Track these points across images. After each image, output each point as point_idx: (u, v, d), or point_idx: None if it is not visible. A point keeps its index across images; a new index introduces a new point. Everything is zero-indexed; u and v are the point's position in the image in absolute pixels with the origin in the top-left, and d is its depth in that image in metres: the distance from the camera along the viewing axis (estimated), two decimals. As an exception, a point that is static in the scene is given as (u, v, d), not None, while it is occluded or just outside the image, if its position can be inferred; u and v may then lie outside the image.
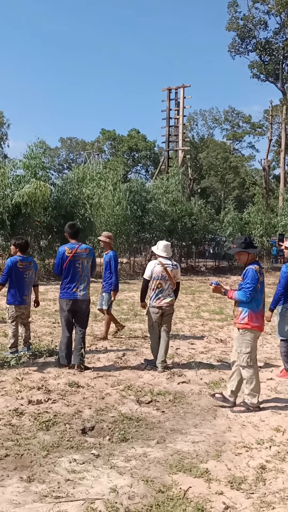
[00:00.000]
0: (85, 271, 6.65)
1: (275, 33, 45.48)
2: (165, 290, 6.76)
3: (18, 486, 3.42)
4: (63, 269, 6.60)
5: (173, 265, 6.87)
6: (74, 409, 5.05)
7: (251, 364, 5.20)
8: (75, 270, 6.58)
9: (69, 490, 3.40)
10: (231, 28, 44.99)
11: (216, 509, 3.23)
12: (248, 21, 44.81)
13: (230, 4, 44.50)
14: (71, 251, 6.59)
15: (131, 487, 3.47)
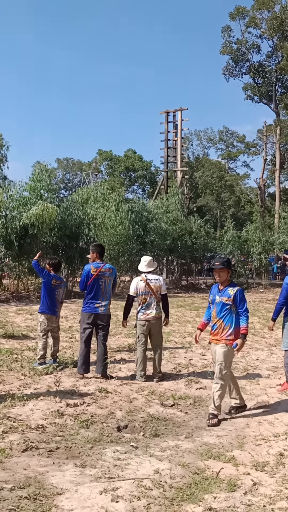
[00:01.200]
0: (107, 288, 7.26)
1: (268, 56, 46.99)
2: (150, 304, 7.18)
3: (75, 471, 4.00)
4: (87, 286, 7.21)
5: (155, 279, 7.30)
6: (107, 411, 5.63)
7: (225, 378, 5.52)
8: (98, 287, 7.19)
9: (118, 473, 3.98)
10: (225, 52, 46.43)
11: (246, 485, 3.81)
12: (241, 45, 46.28)
13: (223, 28, 46.06)
14: (96, 270, 7.21)
15: (171, 470, 4.06)
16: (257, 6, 44.41)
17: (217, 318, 5.59)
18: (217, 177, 67.51)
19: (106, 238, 22.74)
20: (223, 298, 5.57)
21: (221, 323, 5.56)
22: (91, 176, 59.78)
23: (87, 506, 3.38)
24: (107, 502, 3.44)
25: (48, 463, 4.15)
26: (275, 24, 43.53)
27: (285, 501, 3.53)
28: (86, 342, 7.12)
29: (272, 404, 6.11)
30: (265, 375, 7.74)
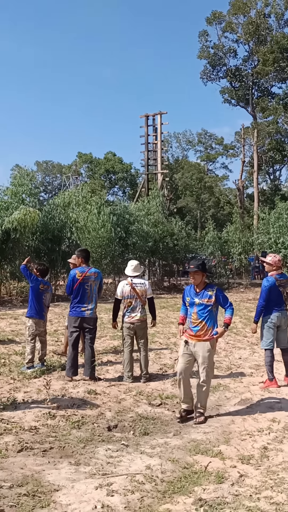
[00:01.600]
0: (93, 292, 7.43)
1: (244, 61, 47.62)
2: (135, 307, 7.38)
3: (70, 469, 4.17)
4: (73, 290, 7.38)
5: (141, 283, 7.50)
6: (97, 412, 5.81)
7: (211, 378, 5.69)
8: (84, 291, 7.36)
9: (112, 469, 4.17)
10: (202, 56, 46.94)
11: (233, 477, 4.03)
12: (218, 50, 46.84)
13: (200, 33, 46.58)
14: (81, 274, 7.37)
15: (162, 465, 4.26)
16: (233, 11, 45.03)
17: (199, 320, 5.66)
18: (196, 178, 68.15)
19: (89, 241, 22.84)
20: (203, 300, 5.66)
21: (204, 324, 5.65)
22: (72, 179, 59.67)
23: (84, 501, 3.56)
24: (103, 496, 3.63)
25: (43, 462, 4.31)
26: (250, 29, 44.20)
27: (269, 491, 3.76)
28: (74, 345, 7.27)
29: (255, 401, 6.35)
30: (248, 373, 8.00)
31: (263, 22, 44.90)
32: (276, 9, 44.95)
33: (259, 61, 44.74)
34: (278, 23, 45.38)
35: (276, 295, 7.13)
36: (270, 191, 59.11)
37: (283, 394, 6.64)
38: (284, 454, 4.51)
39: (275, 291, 7.12)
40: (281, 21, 45.30)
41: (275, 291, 7.11)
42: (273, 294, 7.11)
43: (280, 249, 24.27)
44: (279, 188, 61.38)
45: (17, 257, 20.25)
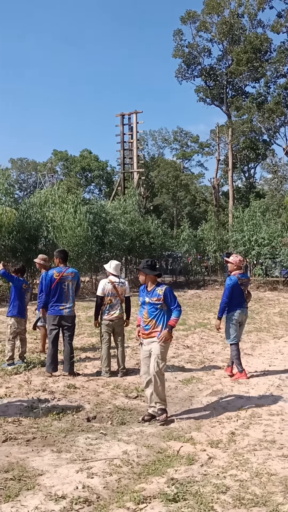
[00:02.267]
0: (70, 291, 7.73)
1: (219, 60, 48.15)
2: (114, 305, 7.73)
3: (52, 456, 4.49)
4: (51, 289, 7.67)
5: (121, 283, 7.88)
6: (76, 404, 6.14)
7: (163, 371, 5.71)
8: (61, 290, 7.66)
9: (91, 455, 4.50)
10: (177, 55, 47.30)
11: (202, 459, 4.41)
12: (193, 49, 47.28)
13: (175, 32, 46.88)
14: (58, 274, 7.67)
15: (137, 451, 4.62)
16: (207, 11, 45.50)
17: (150, 318, 5.74)
18: (172, 176, 68.59)
19: (65, 240, 23.07)
20: (152, 298, 5.73)
21: (154, 322, 5.73)
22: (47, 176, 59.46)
23: (66, 483, 3.89)
24: (84, 479, 3.96)
25: (27, 450, 4.63)
26: (224, 29, 44.74)
27: (235, 470, 4.15)
28: (54, 342, 7.56)
29: (225, 392, 6.76)
30: (220, 366, 8.42)
31: (237, 22, 45.48)
32: (249, 9, 45.62)
33: (233, 61, 45.35)
34: (251, 23, 46.07)
35: (238, 293, 7.59)
36: (245, 189, 60.06)
37: (252, 385, 7.07)
38: (250, 438, 4.91)
39: (237, 289, 7.59)
40: (254, 22, 45.99)
41: (237, 290, 7.58)
42: (235, 292, 7.56)
43: (253, 247, 24.94)
44: (253, 185, 62.41)
45: (-6, 257, 20.38)
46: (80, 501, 3.60)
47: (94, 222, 24.64)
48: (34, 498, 3.63)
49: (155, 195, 69.90)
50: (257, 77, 45.68)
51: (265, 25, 45.74)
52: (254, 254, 24.97)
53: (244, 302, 7.70)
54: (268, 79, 45.14)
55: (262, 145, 52.58)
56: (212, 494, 3.67)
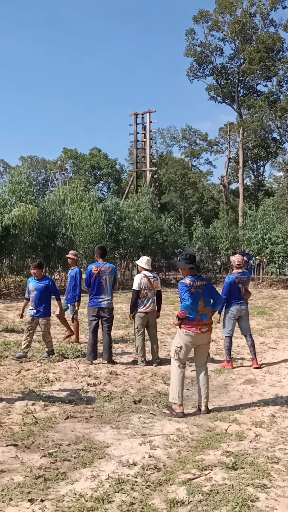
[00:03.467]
0: (108, 285, 8.19)
1: (230, 59, 48.57)
2: (149, 298, 8.20)
3: (112, 431, 4.95)
4: (91, 283, 8.14)
5: (154, 277, 8.40)
6: (121, 389, 6.60)
7: None
8: (100, 284, 8.13)
9: (148, 432, 4.96)
10: (189, 54, 47.71)
11: (250, 436, 4.86)
12: (205, 48, 47.66)
13: (187, 31, 47.32)
14: (97, 269, 8.15)
15: (189, 429, 5.07)
16: (219, 10, 45.84)
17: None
18: (180, 174, 68.83)
19: (82, 237, 23.53)
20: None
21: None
22: (59, 174, 60.00)
23: (133, 453, 4.34)
24: (148, 450, 4.42)
25: (89, 426, 5.09)
26: (236, 28, 45.12)
27: (282, 445, 4.59)
28: (94, 332, 8.03)
29: (258, 381, 7.21)
30: (248, 358, 8.85)
31: (249, 21, 45.85)
32: (262, 8, 45.98)
33: (245, 60, 45.70)
34: (264, 23, 46.43)
35: (236, 290, 8.18)
36: (253, 187, 60.36)
37: (282, 375, 7.51)
38: (290, 420, 5.36)
39: (235, 287, 8.19)
40: (267, 21, 46.37)
41: (235, 287, 8.18)
42: (233, 289, 8.19)
43: (267, 245, 25.30)
44: (262, 183, 62.69)
45: (16, 252, 20.91)
46: (150, 467, 4.05)
47: (109, 220, 25.09)
48: (108, 465, 4.08)
49: (162, 193, 70.22)
50: (269, 76, 46.01)
51: (277, 24, 46.16)
52: (267, 252, 25.34)
53: (241, 298, 8.22)
54: (280, 78, 45.43)
55: (273, 144, 52.85)
56: (266, 464, 4.11)
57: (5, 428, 4.97)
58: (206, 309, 5.79)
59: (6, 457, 4.24)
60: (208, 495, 3.57)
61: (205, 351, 5.94)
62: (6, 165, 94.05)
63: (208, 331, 5.80)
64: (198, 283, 5.82)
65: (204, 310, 5.77)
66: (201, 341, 5.81)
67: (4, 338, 10.06)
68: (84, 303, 9.19)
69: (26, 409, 5.55)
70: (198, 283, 5.81)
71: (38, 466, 4.06)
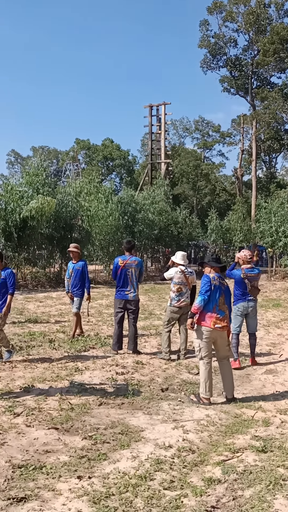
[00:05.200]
0: (134, 277, 8.44)
1: (244, 50, 48.37)
2: (184, 293, 8.33)
3: (145, 417, 5.24)
4: (117, 275, 8.41)
5: (190, 272, 8.51)
6: (148, 378, 6.90)
7: None
8: (126, 276, 8.39)
9: (179, 417, 5.25)
10: (202, 46, 47.57)
11: (276, 423, 5.13)
12: (218, 39, 47.46)
13: (201, 22, 47.19)
14: (123, 262, 8.41)
15: (217, 415, 5.36)
16: (233, 1, 45.62)
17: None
18: (193, 166, 68.69)
19: (98, 228, 23.83)
20: None
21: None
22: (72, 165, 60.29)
23: (168, 436, 4.64)
24: (181, 433, 4.71)
25: (122, 412, 5.39)
26: (251, 19, 44.87)
27: (307, 431, 4.86)
28: (119, 323, 8.32)
29: (279, 371, 7.47)
30: (267, 350, 9.12)
31: (263, 12, 45.54)
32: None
33: (259, 51, 45.50)
34: (278, 14, 46.10)
35: (242, 287, 7.87)
36: (265, 179, 60.20)
37: (302, 365, 7.76)
38: (312, 408, 5.62)
39: (241, 283, 7.85)
40: (281, 12, 46.02)
41: (241, 283, 7.87)
42: (238, 285, 7.94)
43: (280, 238, 25.42)
44: (274, 176, 62.48)
45: (33, 244, 21.26)
46: (185, 449, 4.35)
47: (125, 212, 25.34)
48: (146, 447, 4.38)
49: (175, 184, 70.18)
50: (283, 68, 45.75)
51: (292, 15, 45.67)
52: (281, 245, 25.46)
53: (247, 295, 7.89)
54: (294, 70, 45.14)
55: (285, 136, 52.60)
56: (294, 447, 4.39)
57: (44, 413, 5.28)
58: (224, 306, 6.00)
59: (49, 439, 4.55)
60: (242, 474, 3.85)
61: (224, 345, 6.05)
62: (17, 155, 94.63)
63: (222, 329, 5.92)
64: (221, 281, 6.09)
65: (222, 306, 5.97)
66: (218, 336, 5.95)
67: (29, 328, 10.36)
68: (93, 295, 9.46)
69: (61, 396, 5.86)
70: (221, 280, 6.09)
71: (80, 448, 4.37)
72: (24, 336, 9.35)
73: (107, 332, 10.03)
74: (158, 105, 34.43)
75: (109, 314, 12.44)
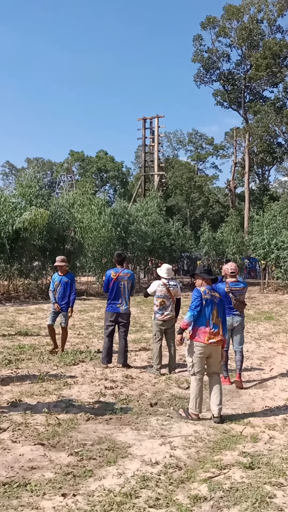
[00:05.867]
0: (126, 290, 8.41)
1: (237, 64, 48.96)
2: (167, 307, 8.27)
3: (133, 433, 5.20)
4: (109, 288, 8.39)
5: (173, 285, 8.42)
6: (138, 392, 6.85)
7: None
8: (118, 289, 8.36)
9: (167, 433, 5.21)
10: (196, 60, 48.08)
11: (264, 438, 5.11)
12: (212, 54, 48.00)
13: (195, 37, 47.70)
14: (115, 275, 8.39)
15: (205, 430, 5.32)
16: (226, 16, 46.20)
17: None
18: (186, 178, 69.04)
19: (90, 240, 23.82)
20: None
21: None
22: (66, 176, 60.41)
23: (155, 453, 4.59)
24: (168, 450, 4.67)
25: (110, 428, 5.34)
26: (244, 34, 45.46)
27: (295, 447, 4.84)
28: (109, 336, 8.28)
29: (269, 385, 7.45)
30: (257, 364, 9.09)
31: (256, 28, 46.16)
32: (269, 15, 46.31)
33: (251, 66, 46.01)
34: (270, 29, 46.76)
35: (227, 301, 7.31)
36: (258, 191, 60.61)
37: (292, 379, 7.74)
38: (301, 423, 5.60)
39: (226, 297, 7.29)
40: (273, 27, 46.71)
41: (225, 297, 7.24)
42: (224, 299, 7.29)
43: (273, 250, 25.53)
44: (267, 188, 62.93)
45: (25, 256, 21.20)
46: (172, 466, 4.31)
47: (118, 224, 25.36)
48: (132, 463, 4.34)
49: (168, 196, 70.42)
50: (275, 82, 46.28)
51: (284, 31, 46.48)
52: (273, 257, 25.56)
53: (233, 309, 7.49)
54: (286, 85, 45.68)
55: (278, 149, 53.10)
56: (281, 464, 4.36)
57: (30, 428, 5.22)
58: (218, 320, 5.87)
59: (35, 455, 4.50)
60: (228, 492, 3.82)
61: (216, 361, 5.93)
62: (12, 166, 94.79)
63: (216, 343, 5.81)
64: (213, 293, 5.99)
65: (216, 320, 5.85)
66: (212, 351, 5.84)
67: (19, 341, 10.29)
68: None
69: (49, 410, 5.80)
70: (213, 293, 5.99)
71: (66, 464, 4.32)
72: (14, 349, 9.28)
73: (98, 345, 9.97)
74: (152, 118, 34.69)
75: (100, 326, 12.37)
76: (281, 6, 44.82)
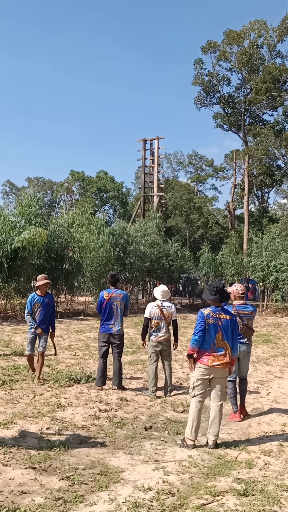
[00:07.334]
0: (119, 311, 8.37)
1: (237, 88, 49.59)
2: (161, 328, 8.19)
3: (126, 457, 5.12)
4: (102, 309, 8.35)
5: (168, 306, 8.32)
6: (132, 415, 6.76)
7: None
8: (111, 310, 8.32)
9: (161, 458, 5.12)
10: (196, 83, 48.76)
11: (259, 464, 5.02)
12: (212, 77, 48.70)
13: (196, 61, 48.44)
14: (108, 295, 8.36)
15: (200, 456, 5.24)
16: (227, 41, 46.98)
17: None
18: (186, 199, 69.41)
19: (89, 260, 23.83)
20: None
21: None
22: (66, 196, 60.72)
23: (148, 478, 4.51)
24: (162, 475, 4.58)
25: (103, 451, 5.26)
26: (244, 59, 46.16)
27: (290, 474, 4.75)
28: (103, 357, 8.21)
29: (265, 410, 7.35)
30: (254, 387, 8.99)
31: (256, 53, 46.91)
32: (269, 40, 47.09)
33: (251, 90, 46.64)
34: (270, 54, 47.47)
35: None
36: (258, 213, 60.83)
37: (289, 404, 7.66)
38: (297, 449, 5.51)
39: None
40: (273, 52, 47.42)
41: None
42: None
43: (271, 272, 25.50)
44: (266, 210, 63.17)
45: (23, 275, 21.16)
46: (164, 492, 4.23)
47: (116, 244, 25.40)
48: (124, 489, 4.25)
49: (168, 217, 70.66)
50: (275, 106, 46.84)
51: (284, 56, 47.17)
52: (272, 279, 25.53)
53: (239, 336, 6.75)
54: (286, 108, 46.26)
55: (277, 171, 53.49)
56: (276, 491, 4.28)
57: (22, 451, 5.14)
58: (224, 343, 5.63)
59: (25, 479, 4.42)
60: (221, 520, 3.74)
61: (220, 385, 5.73)
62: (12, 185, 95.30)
63: (221, 366, 5.62)
64: (220, 315, 5.69)
65: (221, 343, 5.62)
66: (215, 374, 5.66)
67: (14, 361, 10.21)
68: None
69: (41, 433, 5.73)
70: (219, 315, 5.68)
71: (57, 489, 4.24)
72: (8, 370, 9.19)
73: (93, 366, 9.88)
74: (152, 140, 35.05)
75: (96, 348, 12.25)
76: (281, 32, 45.63)
